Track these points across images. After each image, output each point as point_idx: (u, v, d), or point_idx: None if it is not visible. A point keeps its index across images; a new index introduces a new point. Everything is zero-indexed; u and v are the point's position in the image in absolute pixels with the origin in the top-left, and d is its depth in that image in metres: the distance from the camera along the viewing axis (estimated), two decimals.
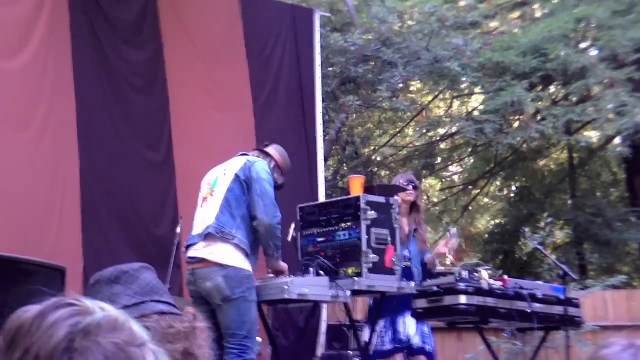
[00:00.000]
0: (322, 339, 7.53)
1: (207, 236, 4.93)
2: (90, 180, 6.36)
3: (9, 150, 5.87)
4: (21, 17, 6.12)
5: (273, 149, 5.39)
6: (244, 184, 4.98)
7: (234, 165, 5.09)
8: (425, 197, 15.51)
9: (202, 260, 4.89)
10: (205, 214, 5.02)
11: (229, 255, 4.82)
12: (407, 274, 5.80)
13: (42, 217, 5.97)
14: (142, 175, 6.75)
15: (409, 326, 5.79)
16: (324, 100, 8.90)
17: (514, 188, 15.91)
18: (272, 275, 5.10)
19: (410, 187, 6.05)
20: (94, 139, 6.46)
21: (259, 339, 5.84)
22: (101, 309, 1.00)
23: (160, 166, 6.91)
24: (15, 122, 5.97)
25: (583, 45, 12.30)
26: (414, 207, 6.14)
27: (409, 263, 5.89)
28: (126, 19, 6.90)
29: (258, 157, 5.26)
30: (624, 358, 1.10)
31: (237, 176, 5.01)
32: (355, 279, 5.02)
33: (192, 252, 4.98)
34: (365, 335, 5.82)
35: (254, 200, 4.91)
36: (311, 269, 5.07)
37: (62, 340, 0.93)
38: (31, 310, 0.99)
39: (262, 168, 5.03)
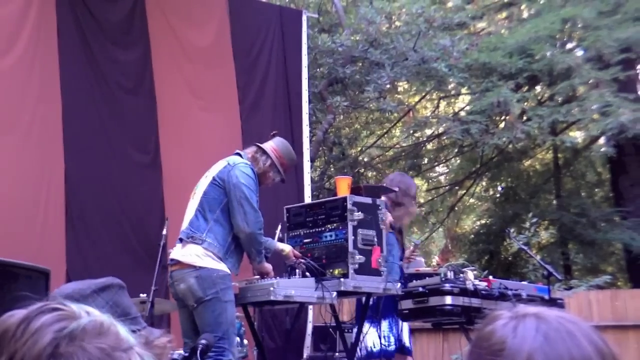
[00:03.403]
0: (308, 340, 7.54)
1: (180, 239, 4.95)
2: (76, 182, 6.34)
3: None
4: (8, 18, 6.10)
5: (273, 144, 5.23)
6: (220, 187, 4.93)
7: (215, 168, 5.06)
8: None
9: (177, 262, 4.88)
10: (185, 217, 5.02)
11: (200, 256, 4.79)
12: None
13: (26, 219, 5.94)
14: (129, 176, 6.73)
15: (403, 326, 5.84)
16: (311, 101, 8.90)
17: (499, 188, 15.96)
18: (257, 277, 5.09)
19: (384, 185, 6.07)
20: (79, 140, 6.44)
21: (245, 341, 5.84)
22: (87, 313, 1.00)
23: (148, 167, 6.89)
24: (1, 124, 5.94)
25: (569, 46, 12.37)
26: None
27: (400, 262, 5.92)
28: (114, 20, 6.89)
29: (255, 153, 5.17)
30: (505, 332, 1.08)
31: (214, 179, 4.97)
32: (341, 279, 5.01)
33: (171, 254, 4.97)
34: (369, 337, 5.82)
35: (233, 207, 4.85)
36: (297, 270, 5.06)
37: (47, 346, 0.93)
38: (16, 315, 0.98)
39: (241, 172, 4.92)
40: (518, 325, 1.08)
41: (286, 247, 5.23)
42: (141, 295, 5.17)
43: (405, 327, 5.91)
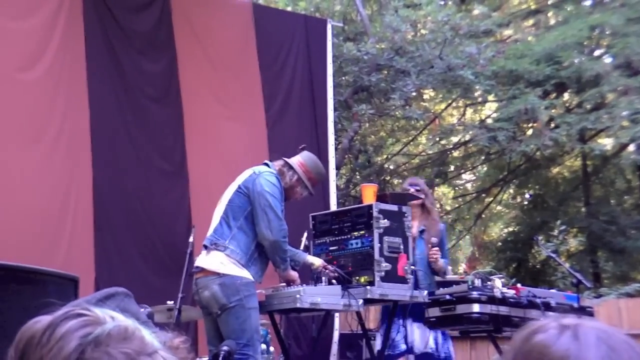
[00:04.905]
0: (334, 348, 7.53)
1: (205, 246, 4.98)
2: (103, 190, 6.40)
3: (23, 160, 5.91)
4: (36, 30, 6.17)
5: (301, 159, 5.23)
6: (244, 195, 4.95)
7: (242, 177, 5.09)
8: (438, 205, 15.49)
9: (201, 270, 4.90)
10: (211, 224, 5.05)
11: (223, 263, 4.81)
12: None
13: (54, 227, 6.00)
14: (156, 185, 6.78)
15: (414, 332, 5.78)
16: (336, 109, 8.90)
17: (527, 196, 15.84)
18: (284, 284, 5.09)
19: (413, 190, 6.04)
20: (107, 149, 6.49)
21: (271, 348, 5.85)
22: (111, 318, 1.00)
23: (174, 175, 6.93)
24: (30, 132, 6.02)
25: (597, 53, 12.27)
26: (423, 209, 6.11)
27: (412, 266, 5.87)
28: (141, 30, 6.95)
29: (282, 167, 5.18)
30: (564, 342, 1.03)
31: (239, 187, 5.00)
32: (368, 287, 5.00)
33: (196, 262, 5.00)
34: (377, 343, 5.80)
35: (257, 214, 4.86)
36: (323, 278, 5.06)
37: (72, 352, 0.94)
38: (41, 321, 0.99)
39: (266, 180, 4.94)
40: (578, 335, 1.04)
41: (316, 261, 5.22)
42: (168, 302, 5.19)
43: (416, 332, 5.82)
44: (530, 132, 11.99)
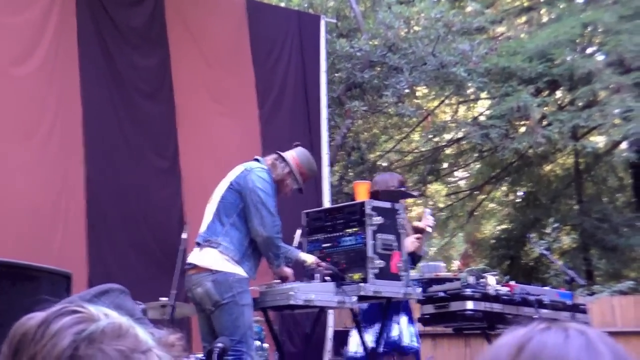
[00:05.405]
0: (328, 344, 7.53)
1: (198, 243, 4.97)
2: (96, 187, 6.38)
3: (16, 156, 5.89)
4: (29, 25, 6.15)
5: (294, 153, 5.25)
6: (236, 192, 4.95)
7: (233, 173, 5.08)
8: (431, 202, 15.52)
9: (194, 266, 4.90)
10: (203, 221, 5.05)
11: (217, 260, 4.81)
12: None
13: (47, 223, 5.98)
14: (148, 181, 6.76)
15: (394, 328, 5.78)
16: (329, 106, 8.89)
17: (520, 193, 15.87)
18: (278, 281, 5.09)
19: (403, 190, 6.04)
20: (100, 145, 6.48)
21: (265, 345, 5.84)
22: (105, 316, 1.00)
23: (167, 172, 6.92)
24: (22, 128, 6.00)
25: (589, 50, 12.30)
26: None
27: None
28: (134, 26, 6.93)
29: (275, 160, 5.18)
30: (575, 341, 0.99)
31: (231, 184, 5.00)
32: (361, 284, 5.00)
33: (188, 258, 5.00)
34: (355, 340, 5.79)
35: (250, 211, 4.87)
36: (317, 275, 5.05)
37: (66, 348, 0.93)
38: (35, 318, 0.98)
39: (258, 176, 4.95)
40: (585, 334, 1.01)
41: (309, 258, 5.21)
42: (161, 299, 5.17)
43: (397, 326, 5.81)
44: (522, 129, 12.00)
